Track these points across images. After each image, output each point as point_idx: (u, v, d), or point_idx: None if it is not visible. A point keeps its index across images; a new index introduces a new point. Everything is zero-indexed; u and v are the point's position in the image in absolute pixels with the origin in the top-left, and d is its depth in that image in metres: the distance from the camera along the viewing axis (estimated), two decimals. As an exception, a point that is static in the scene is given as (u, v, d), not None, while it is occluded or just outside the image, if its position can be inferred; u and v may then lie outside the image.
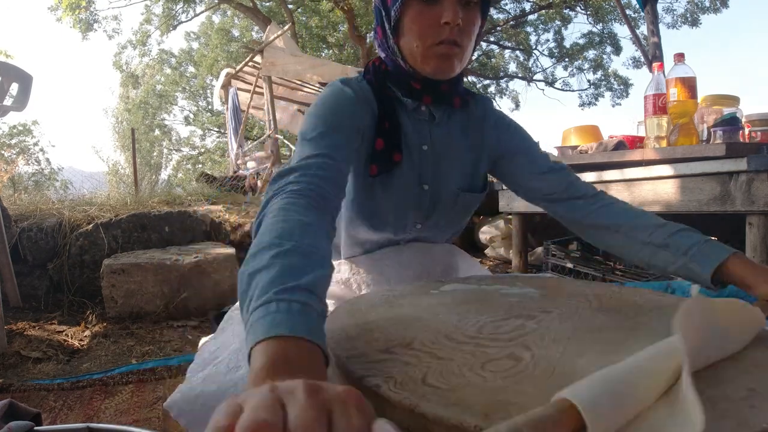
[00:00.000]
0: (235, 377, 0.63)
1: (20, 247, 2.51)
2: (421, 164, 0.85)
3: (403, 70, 0.82)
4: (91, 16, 11.30)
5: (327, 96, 0.80)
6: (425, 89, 0.82)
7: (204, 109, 17.74)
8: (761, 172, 1.54)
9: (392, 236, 0.91)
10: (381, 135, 0.80)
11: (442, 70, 0.78)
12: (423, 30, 0.76)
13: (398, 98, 0.84)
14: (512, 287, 0.77)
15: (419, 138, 0.85)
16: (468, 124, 0.90)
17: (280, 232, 0.51)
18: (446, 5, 0.74)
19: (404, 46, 0.79)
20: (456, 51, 0.77)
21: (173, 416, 0.63)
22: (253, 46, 6.63)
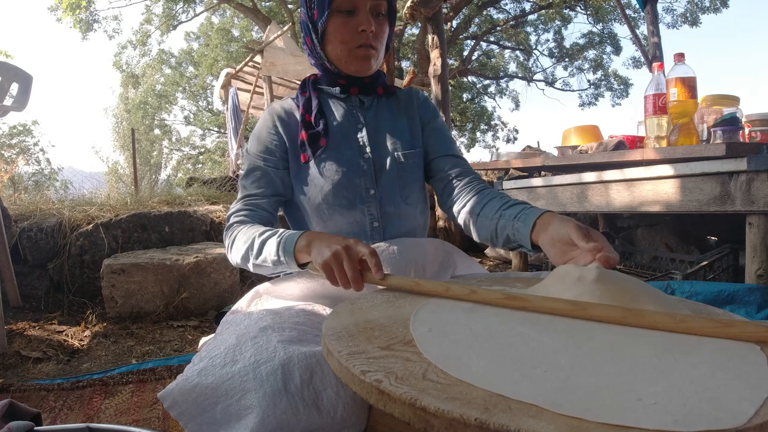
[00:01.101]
0: (231, 371, 0.63)
1: (20, 247, 2.51)
2: (359, 139, 1.00)
3: (330, 71, 0.99)
4: (91, 16, 11.30)
5: (253, 134, 1.01)
6: (350, 83, 1.00)
7: (204, 109, 17.76)
8: (761, 172, 1.54)
9: (358, 215, 0.96)
10: (305, 128, 0.97)
11: (363, 68, 0.96)
12: (345, 37, 0.93)
13: (330, 93, 1.02)
14: (512, 288, 0.77)
15: (353, 120, 1.01)
16: (398, 105, 1.06)
17: (244, 232, 0.90)
18: (362, 16, 0.92)
19: (330, 52, 0.96)
20: (372, 52, 0.95)
21: (166, 407, 0.63)
22: (253, 46, 6.63)
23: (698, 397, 0.39)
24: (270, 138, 0.98)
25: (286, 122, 0.99)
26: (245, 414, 0.59)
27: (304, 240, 0.80)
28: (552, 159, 2.49)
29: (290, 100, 1.03)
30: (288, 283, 0.91)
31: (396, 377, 0.43)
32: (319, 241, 0.77)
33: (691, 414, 0.36)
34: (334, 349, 0.50)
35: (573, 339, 0.52)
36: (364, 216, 0.97)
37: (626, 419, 0.36)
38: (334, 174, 0.95)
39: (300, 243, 0.80)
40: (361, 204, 0.96)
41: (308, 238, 0.80)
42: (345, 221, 0.96)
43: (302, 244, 0.79)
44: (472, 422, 0.36)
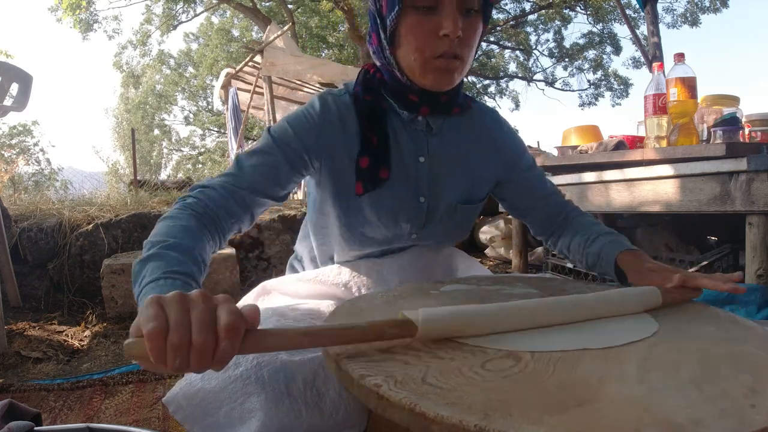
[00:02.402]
0: (234, 374, 0.63)
1: (20, 247, 2.51)
2: (418, 176, 0.82)
3: (400, 81, 0.78)
4: (91, 16, 11.29)
5: (298, 113, 0.79)
6: (423, 101, 0.79)
7: (204, 109, 17.75)
8: (761, 172, 1.54)
9: (387, 248, 0.90)
10: (367, 152, 0.77)
11: (442, 83, 0.75)
12: (421, 42, 0.72)
13: (393, 110, 0.81)
14: (513, 288, 0.77)
15: (416, 149, 0.82)
16: (470, 129, 0.87)
17: (168, 232, 0.63)
18: (445, 15, 0.70)
19: (401, 58, 0.75)
20: (456, 64, 0.74)
21: (171, 411, 0.63)
22: (253, 46, 6.62)
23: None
24: (310, 136, 0.77)
25: (338, 128, 0.78)
26: (248, 417, 0.59)
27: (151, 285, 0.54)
28: (552, 159, 2.49)
29: (347, 97, 0.81)
30: (295, 283, 0.91)
31: (395, 381, 0.43)
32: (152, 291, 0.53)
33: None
34: (333, 352, 0.50)
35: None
36: (393, 248, 0.90)
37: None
38: (384, 213, 0.82)
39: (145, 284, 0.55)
40: (398, 243, 0.88)
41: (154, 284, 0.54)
42: (370, 251, 0.89)
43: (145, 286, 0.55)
44: (472, 428, 0.35)
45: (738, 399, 0.39)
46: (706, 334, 0.56)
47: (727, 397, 0.40)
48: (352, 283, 0.88)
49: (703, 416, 0.36)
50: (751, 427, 0.35)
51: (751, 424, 0.35)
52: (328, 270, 0.90)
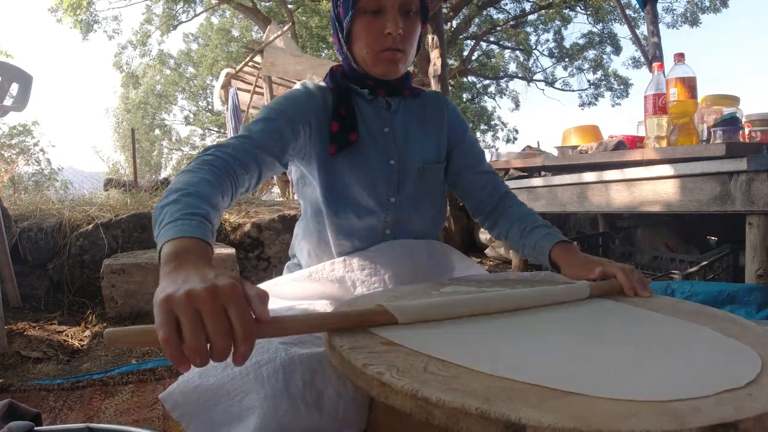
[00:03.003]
0: (232, 372, 0.63)
1: (20, 247, 2.51)
2: (385, 143, 0.96)
3: (357, 71, 0.94)
4: (91, 16, 11.30)
5: (282, 95, 0.94)
6: (377, 85, 0.95)
7: (204, 109, 17.76)
8: (761, 172, 1.54)
9: (374, 220, 0.94)
10: (337, 119, 0.92)
11: (389, 72, 0.92)
12: (370, 39, 0.88)
13: (357, 92, 0.96)
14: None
15: (380, 122, 0.96)
16: (424, 111, 1.03)
17: (188, 182, 0.67)
18: (388, 17, 0.86)
19: (356, 53, 0.92)
20: (399, 56, 0.90)
21: (167, 408, 0.63)
22: (253, 46, 6.63)
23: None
24: (301, 106, 0.90)
25: (320, 102, 0.93)
26: (247, 415, 0.59)
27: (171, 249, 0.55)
28: (552, 159, 2.49)
29: (324, 84, 0.98)
30: (289, 283, 0.91)
31: (397, 370, 0.43)
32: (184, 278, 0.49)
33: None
34: (337, 344, 0.51)
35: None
36: (378, 222, 0.95)
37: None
38: (361, 176, 0.92)
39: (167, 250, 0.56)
40: (379, 210, 0.94)
41: (174, 253, 0.54)
42: (360, 224, 0.94)
43: (168, 250, 0.55)
44: (474, 412, 0.36)
45: (735, 388, 0.40)
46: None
47: (725, 386, 0.40)
48: (346, 277, 0.88)
49: (702, 404, 0.37)
50: (748, 413, 0.35)
51: (748, 411, 0.35)
52: (321, 267, 0.90)
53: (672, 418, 0.35)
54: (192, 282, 0.46)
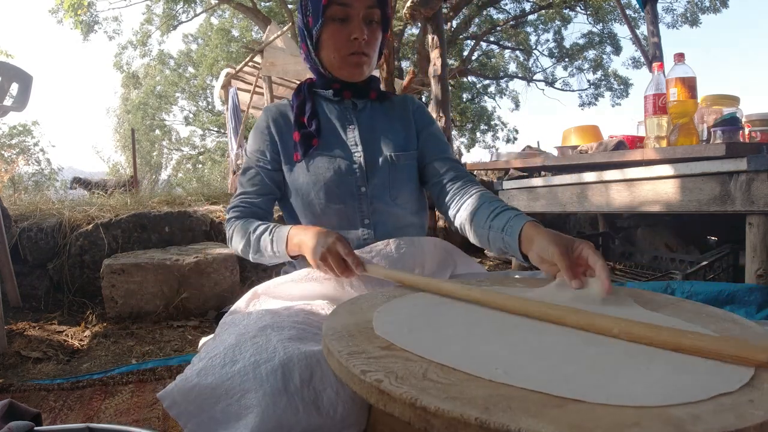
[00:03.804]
0: (231, 371, 0.63)
1: (20, 247, 2.51)
2: (349, 139, 1.03)
3: (324, 76, 1.03)
4: (91, 17, 11.29)
5: (251, 134, 1.06)
6: (343, 87, 1.03)
7: (204, 109, 17.76)
8: (761, 172, 1.54)
9: (349, 210, 0.99)
10: (298, 129, 1.01)
11: (355, 74, 1.00)
12: (338, 44, 0.96)
13: (324, 96, 1.05)
14: (512, 288, 0.77)
15: (345, 120, 1.04)
16: (393, 110, 1.09)
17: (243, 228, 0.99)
18: (354, 25, 0.95)
19: (324, 58, 1.00)
20: (364, 59, 0.99)
21: (165, 407, 0.63)
22: (253, 46, 6.63)
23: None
24: (263, 139, 1.03)
25: (280, 124, 1.03)
26: (245, 414, 0.59)
27: (294, 239, 0.91)
28: (552, 159, 2.49)
29: (286, 102, 1.08)
30: (286, 283, 0.92)
31: (396, 377, 0.43)
32: (306, 242, 0.88)
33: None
34: (335, 349, 0.50)
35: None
36: (355, 212, 1.00)
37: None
38: (325, 171, 0.98)
39: (291, 242, 0.92)
40: (351, 201, 0.99)
41: (296, 237, 0.91)
42: (336, 217, 0.99)
43: (293, 242, 0.91)
44: (473, 422, 0.35)
45: (736, 395, 0.39)
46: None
47: (726, 393, 0.40)
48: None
49: (702, 412, 0.36)
50: (750, 421, 0.35)
51: (750, 419, 0.35)
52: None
53: (674, 428, 0.34)
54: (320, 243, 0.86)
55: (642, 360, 0.47)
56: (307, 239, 0.88)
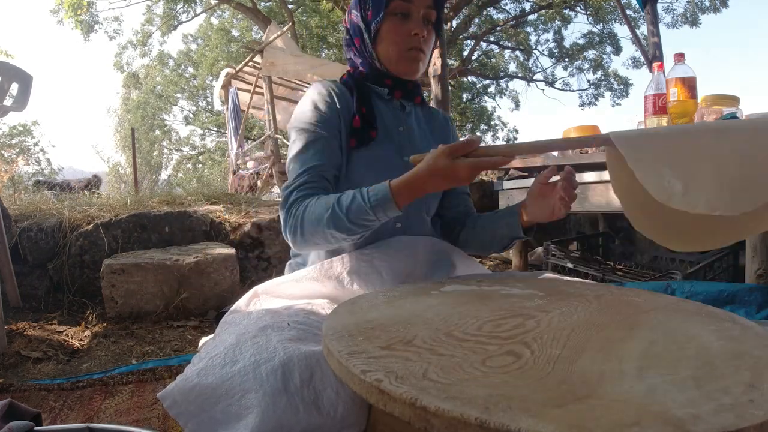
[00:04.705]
0: (231, 371, 0.63)
1: (20, 247, 2.51)
2: (400, 141, 1.01)
3: (379, 70, 1.01)
4: (92, 17, 11.29)
5: (303, 106, 0.98)
6: (396, 85, 1.02)
7: (204, 109, 17.75)
8: (761, 171, 1.54)
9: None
10: (358, 115, 0.97)
11: (411, 70, 1.00)
12: (398, 38, 0.96)
13: (374, 91, 1.03)
14: (512, 288, 0.77)
15: (395, 121, 1.02)
16: (431, 120, 1.11)
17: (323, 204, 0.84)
18: (415, 21, 0.96)
19: (381, 52, 0.99)
20: (421, 56, 0.99)
21: (165, 407, 0.63)
22: (253, 46, 6.63)
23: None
24: (330, 108, 0.96)
25: (342, 99, 0.98)
26: (245, 414, 0.59)
27: (404, 193, 0.80)
28: (552, 159, 2.49)
29: (339, 82, 1.03)
30: (287, 283, 0.92)
31: (396, 377, 0.43)
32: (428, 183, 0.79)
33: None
34: (335, 349, 0.50)
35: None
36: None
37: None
38: (375, 169, 0.96)
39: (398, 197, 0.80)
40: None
41: (407, 188, 0.80)
42: None
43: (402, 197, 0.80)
44: (473, 421, 0.35)
45: (736, 395, 0.39)
46: (706, 332, 0.56)
47: (726, 393, 0.40)
48: (344, 275, 0.89)
49: (702, 412, 0.36)
50: (750, 421, 0.35)
51: (750, 419, 0.35)
52: (319, 265, 0.91)
53: (674, 428, 0.34)
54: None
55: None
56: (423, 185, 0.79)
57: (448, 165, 0.76)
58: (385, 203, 0.80)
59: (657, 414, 0.36)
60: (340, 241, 0.85)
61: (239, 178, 6.86)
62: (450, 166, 0.76)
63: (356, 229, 0.83)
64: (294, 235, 0.88)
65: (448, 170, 0.76)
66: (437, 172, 0.77)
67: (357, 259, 0.90)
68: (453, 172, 0.76)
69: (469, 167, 0.76)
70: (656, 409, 0.37)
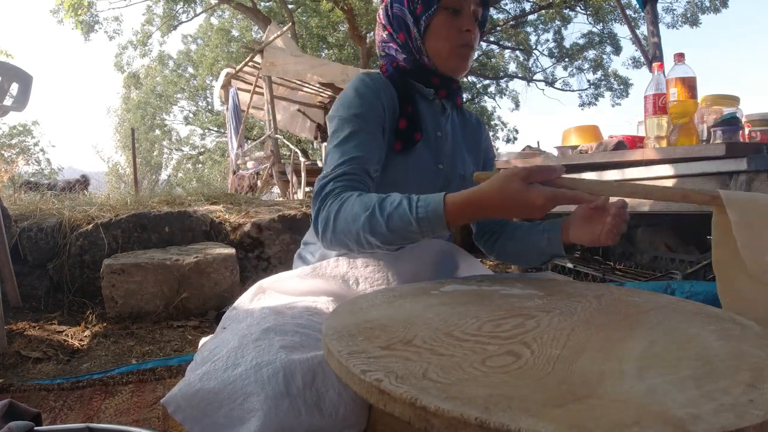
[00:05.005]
0: (233, 374, 0.63)
1: (20, 247, 2.51)
2: (437, 147, 0.98)
3: (426, 66, 0.97)
4: (92, 18, 11.30)
5: (348, 95, 0.92)
6: (442, 84, 0.98)
7: (204, 109, 17.76)
8: (761, 172, 1.54)
9: None
10: (403, 116, 0.93)
11: (460, 67, 0.97)
12: (449, 34, 0.93)
13: (418, 90, 0.99)
14: (512, 288, 0.77)
15: (434, 124, 0.99)
16: (465, 125, 1.08)
17: (361, 204, 0.76)
18: (466, 16, 0.94)
19: (430, 47, 0.95)
20: (471, 53, 0.97)
21: (170, 412, 0.63)
22: (253, 46, 6.63)
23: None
24: (376, 101, 0.91)
25: (388, 94, 0.94)
26: (247, 417, 0.59)
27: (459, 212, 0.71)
28: (552, 159, 2.49)
29: (383, 75, 0.98)
30: (292, 279, 0.91)
31: (396, 377, 0.43)
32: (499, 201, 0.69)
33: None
34: (335, 349, 0.50)
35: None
36: None
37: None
38: (415, 173, 0.94)
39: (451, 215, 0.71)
40: None
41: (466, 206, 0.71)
42: None
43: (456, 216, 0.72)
44: (473, 421, 0.35)
45: (736, 395, 0.39)
46: (706, 332, 0.56)
47: (726, 393, 0.40)
48: (349, 274, 0.88)
49: (702, 411, 0.36)
50: (750, 421, 0.35)
51: (750, 419, 0.35)
52: (325, 263, 0.91)
53: (674, 428, 0.34)
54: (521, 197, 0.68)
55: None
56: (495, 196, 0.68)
57: (521, 190, 0.66)
58: (434, 218, 0.71)
59: (657, 414, 0.36)
60: (374, 248, 0.78)
61: (239, 178, 6.87)
62: (523, 191, 0.66)
63: (394, 238, 0.75)
64: (324, 230, 0.80)
65: (520, 196, 0.66)
66: (506, 195, 0.67)
67: (364, 261, 0.90)
68: (525, 199, 0.66)
69: (546, 197, 0.66)
70: (656, 409, 0.37)
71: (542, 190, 0.66)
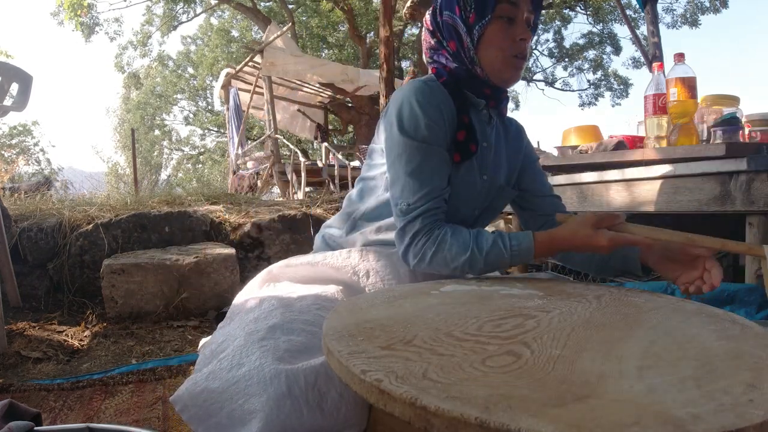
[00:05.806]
0: (237, 375, 0.63)
1: (20, 247, 2.51)
2: (483, 158, 0.98)
3: (479, 76, 0.95)
4: (92, 19, 11.29)
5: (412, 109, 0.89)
6: (492, 95, 0.97)
7: (204, 110, 17.77)
8: (761, 172, 1.54)
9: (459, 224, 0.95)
10: (462, 127, 0.93)
11: (513, 78, 0.96)
12: (504, 43, 0.91)
13: (471, 101, 0.97)
14: (512, 288, 0.77)
15: (482, 135, 0.98)
16: (507, 134, 1.07)
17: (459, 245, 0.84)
18: (520, 26, 0.92)
19: (483, 57, 0.93)
20: (524, 64, 0.96)
21: (177, 410, 0.64)
22: (253, 46, 6.63)
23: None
24: (439, 116, 0.90)
25: (447, 104, 0.93)
26: (249, 418, 0.59)
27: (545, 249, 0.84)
28: (552, 159, 2.49)
29: (438, 82, 0.95)
30: (303, 265, 0.92)
31: (396, 377, 0.43)
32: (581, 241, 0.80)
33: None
34: (335, 349, 0.50)
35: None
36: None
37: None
38: (462, 185, 0.94)
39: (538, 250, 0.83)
40: (467, 220, 0.98)
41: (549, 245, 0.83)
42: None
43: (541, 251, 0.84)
44: (473, 421, 0.35)
45: (737, 395, 0.39)
46: (706, 332, 0.56)
47: (726, 393, 0.40)
48: (360, 266, 0.89)
49: (702, 411, 0.36)
50: (750, 421, 0.35)
51: (750, 418, 0.35)
52: (338, 253, 0.92)
53: (674, 428, 0.34)
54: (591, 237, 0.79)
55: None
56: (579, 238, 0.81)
57: (589, 234, 0.79)
58: (526, 254, 0.83)
59: (657, 414, 0.36)
60: (465, 275, 0.87)
61: (239, 178, 6.87)
62: (591, 236, 0.79)
63: (488, 270, 0.86)
64: (418, 264, 0.86)
65: (589, 239, 0.79)
66: (578, 238, 0.80)
67: (376, 254, 0.91)
68: (593, 241, 0.79)
69: (610, 239, 0.78)
70: (656, 409, 0.37)
71: (608, 235, 0.78)
